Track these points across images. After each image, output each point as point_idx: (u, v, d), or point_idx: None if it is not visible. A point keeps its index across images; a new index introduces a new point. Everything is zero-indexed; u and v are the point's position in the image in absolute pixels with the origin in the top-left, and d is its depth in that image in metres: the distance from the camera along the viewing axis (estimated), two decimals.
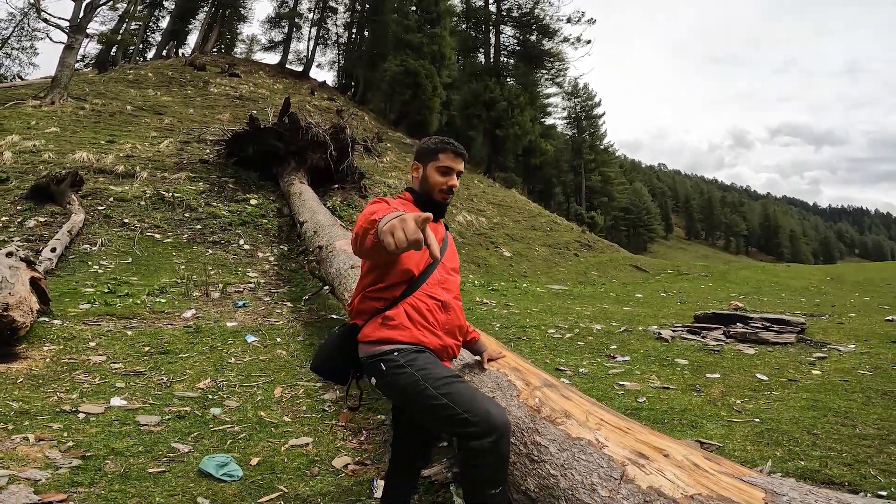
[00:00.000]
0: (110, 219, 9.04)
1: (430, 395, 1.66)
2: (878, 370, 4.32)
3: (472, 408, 1.61)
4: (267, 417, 3.09)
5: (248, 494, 2.26)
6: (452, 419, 1.62)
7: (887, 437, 3.01)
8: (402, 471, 1.95)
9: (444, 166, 1.90)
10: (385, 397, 2.01)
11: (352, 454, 2.69)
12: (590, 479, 1.47)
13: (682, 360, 4.66)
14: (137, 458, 2.50)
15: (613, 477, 1.42)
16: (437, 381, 1.69)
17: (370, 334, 1.80)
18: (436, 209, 1.93)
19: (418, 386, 1.68)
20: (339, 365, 1.91)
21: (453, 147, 1.92)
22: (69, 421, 2.86)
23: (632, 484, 1.39)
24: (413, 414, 1.83)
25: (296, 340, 4.77)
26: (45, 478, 2.28)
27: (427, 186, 1.92)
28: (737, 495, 1.24)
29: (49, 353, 3.93)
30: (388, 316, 1.79)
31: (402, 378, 1.71)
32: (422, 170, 1.94)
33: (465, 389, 1.69)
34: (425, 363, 1.74)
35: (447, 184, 1.91)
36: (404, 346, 1.76)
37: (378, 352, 1.77)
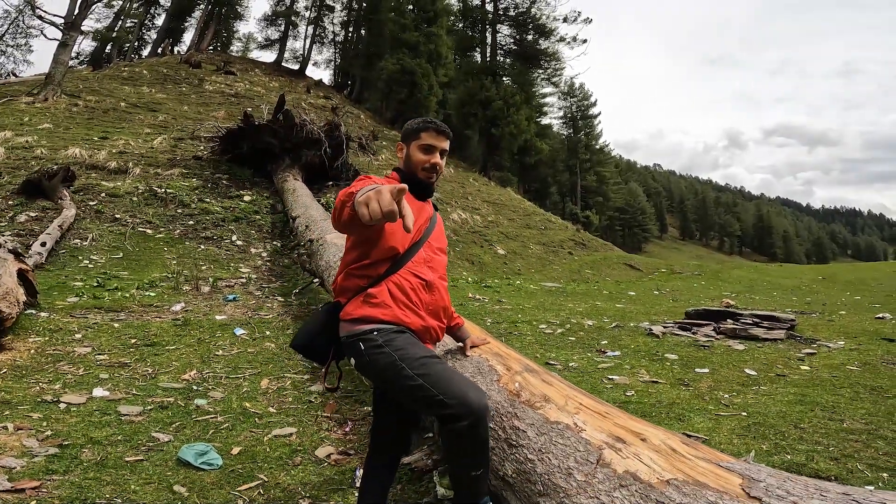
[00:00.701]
0: (102, 214, 8.99)
1: (406, 375, 1.63)
2: (867, 366, 4.33)
3: (449, 390, 1.59)
4: (252, 408, 3.06)
5: (227, 483, 2.23)
6: (429, 400, 1.60)
7: (875, 431, 3.00)
8: (382, 456, 1.92)
9: (426, 144, 1.90)
10: (365, 378, 1.95)
11: (335, 444, 2.66)
12: (566, 464, 1.46)
13: (671, 356, 4.66)
14: (115, 447, 2.47)
15: (590, 461, 1.40)
16: (415, 361, 1.66)
17: (352, 312, 1.78)
18: (421, 188, 1.94)
19: (395, 366, 1.66)
20: (320, 343, 1.87)
21: (435, 125, 1.92)
22: (49, 411, 2.83)
23: (608, 468, 1.38)
24: (392, 395, 1.80)
25: (285, 333, 4.73)
26: (21, 465, 2.25)
27: (411, 165, 1.92)
28: (713, 481, 1.23)
29: (34, 345, 3.89)
30: (371, 294, 1.76)
31: (381, 358, 1.69)
32: (405, 149, 1.95)
33: (443, 371, 1.67)
34: (404, 343, 1.72)
35: (430, 161, 1.90)
36: (385, 325, 1.74)
37: (357, 331, 1.74)
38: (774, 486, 1.15)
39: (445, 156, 1.95)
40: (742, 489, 1.17)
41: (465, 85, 29.72)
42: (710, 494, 1.18)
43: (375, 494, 1.87)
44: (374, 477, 1.89)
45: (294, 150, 11.38)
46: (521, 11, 30.98)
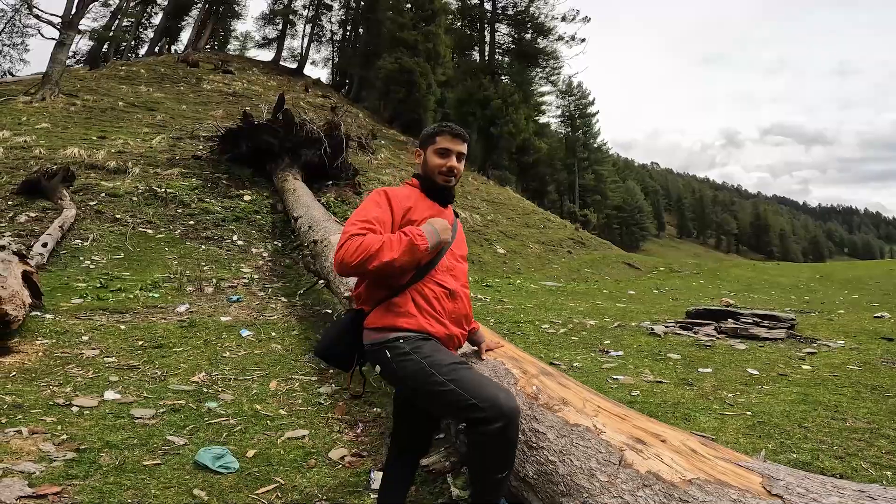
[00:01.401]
0: (102, 214, 8.98)
1: (436, 381, 1.65)
2: (867, 365, 4.37)
3: (480, 394, 1.61)
4: (263, 410, 3.08)
5: (245, 486, 2.26)
6: (460, 405, 1.61)
7: (877, 430, 3.04)
8: (403, 459, 1.95)
9: (442, 148, 1.92)
10: (389, 385, 1.97)
11: (348, 446, 2.69)
12: (588, 465, 1.49)
13: (674, 355, 4.70)
14: (132, 451, 2.49)
15: (612, 462, 1.44)
16: (444, 367, 1.68)
17: (376, 321, 1.79)
18: (441, 194, 1.96)
19: (424, 373, 1.68)
20: (343, 351, 1.89)
21: (450, 129, 1.94)
22: (63, 414, 2.85)
23: (630, 469, 1.41)
24: (419, 401, 1.81)
25: (290, 335, 4.76)
26: (40, 470, 2.26)
27: (428, 170, 1.95)
28: (734, 479, 1.27)
29: (42, 347, 3.90)
30: (395, 303, 1.78)
31: (409, 365, 1.70)
32: (423, 155, 1.97)
33: (472, 375, 1.69)
34: (431, 350, 1.73)
35: (446, 165, 1.92)
36: (410, 333, 1.75)
37: (383, 339, 1.76)
38: (794, 485, 1.18)
39: (463, 159, 1.97)
40: (763, 487, 1.21)
41: (464, 84, 29.70)
42: (733, 493, 1.21)
43: (395, 496, 1.89)
44: (395, 479, 1.91)
45: (293, 149, 11.38)
46: (519, 10, 30.98)
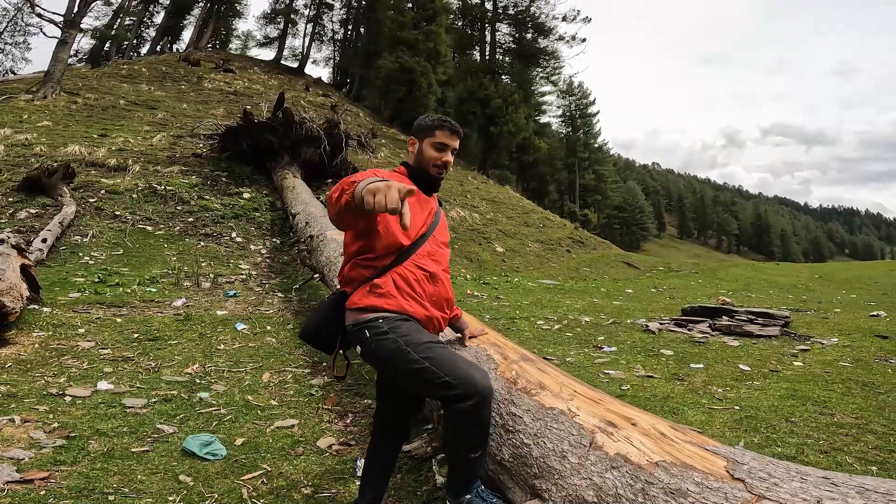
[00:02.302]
0: (102, 211, 9.02)
1: (412, 359, 1.69)
2: (860, 362, 4.38)
3: (454, 371, 1.65)
4: (254, 401, 3.11)
5: (232, 472, 2.28)
6: (434, 382, 1.65)
7: (865, 426, 3.05)
8: (385, 441, 1.97)
9: (440, 142, 1.94)
10: (370, 366, 2.02)
11: (336, 435, 2.72)
12: (560, 447, 1.52)
13: (667, 351, 4.72)
14: (121, 439, 2.52)
15: (583, 444, 1.47)
16: (420, 345, 1.72)
17: (357, 301, 1.83)
18: (430, 183, 1.99)
19: (401, 351, 1.71)
20: (327, 333, 1.92)
21: (450, 125, 1.96)
22: (55, 404, 2.88)
23: (600, 451, 1.44)
24: (397, 380, 1.85)
25: (285, 328, 4.79)
26: (29, 457, 2.30)
27: (422, 161, 1.96)
28: (699, 463, 1.29)
29: (38, 339, 3.94)
30: (376, 284, 1.81)
31: (386, 344, 1.74)
32: (418, 145, 1.98)
33: (447, 353, 1.73)
34: (409, 330, 1.77)
35: (441, 159, 1.95)
36: (389, 314, 1.79)
37: (363, 319, 1.79)
38: (757, 469, 1.21)
39: (454, 153, 2.00)
40: (726, 471, 1.23)
41: (464, 83, 29.74)
42: (696, 476, 1.24)
43: (377, 479, 1.92)
44: (377, 462, 1.94)
45: (293, 147, 11.42)
46: (520, 10, 31.01)
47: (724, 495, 1.16)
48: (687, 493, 1.20)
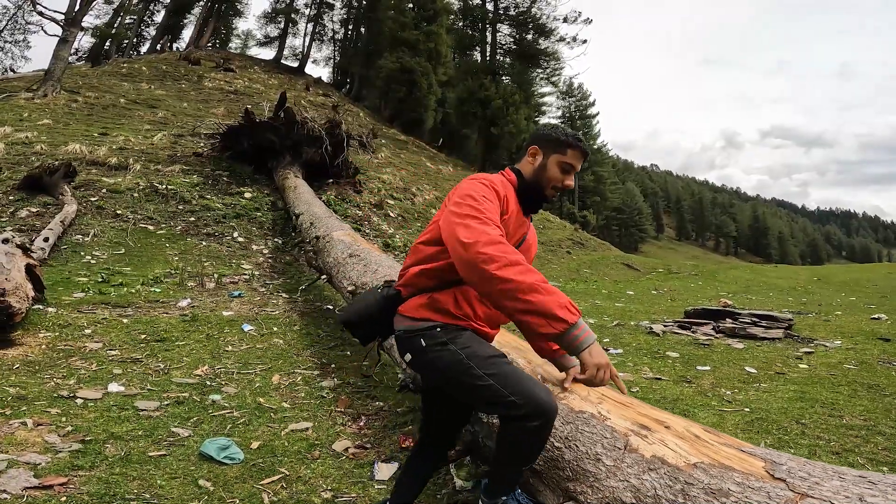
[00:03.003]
0: (103, 210, 8.98)
1: (474, 374, 1.58)
2: (864, 365, 4.42)
3: (519, 390, 1.54)
4: (266, 403, 3.11)
5: (251, 476, 2.28)
6: (497, 401, 1.55)
7: (874, 427, 3.08)
8: (423, 454, 1.91)
9: (569, 163, 1.78)
10: (419, 374, 1.91)
11: (352, 438, 2.72)
12: (594, 450, 1.52)
13: (673, 353, 4.74)
14: (137, 443, 2.51)
15: (617, 447, 1.47)
16: (483, 360, 1.61)
17: (411, 309, 1.73)
18: (538, 204, 1.85)
19: (462, 365, 1.60)
20: (368, 329, 1.84)
21: (584, 146, 1.79)
22: (67, 406, 2.87)
23: (636, 453, 1.44)
24: (453, 392, 1.74)
25: (292, 330, 4.79)
26: (45, 462, 2.27)
27: (542, 178, 1.78)
28: (738, 463, 1.30)
29: (45, 340, 3.92)
30: (436, 299, 1.70)
31: (445, 356, 1.63)
32: (541, 158, 1.79)
33: (512, 370, 1.62)
34: (470, 341, 1.66)
35: (563, 182, 1.79)
36: (447, 324, 1.68)
37: (419, 327, 1.69)
38: (796, 469, 1.22)
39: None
40: (766, 471, 1.24)
41: (465, 84, 29.74)
42: (737, 476, 1.25)
43: (411, 486, 1.88)
44: (413, 471, 1.90)
45: (295, 147, 11.40)
46: (521, 11, 31.03)
47: (766, 494, 1.17)
48: (729, 492, 1.21)
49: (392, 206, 13.23)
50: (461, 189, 1.67)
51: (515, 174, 1.81)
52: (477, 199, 1.60)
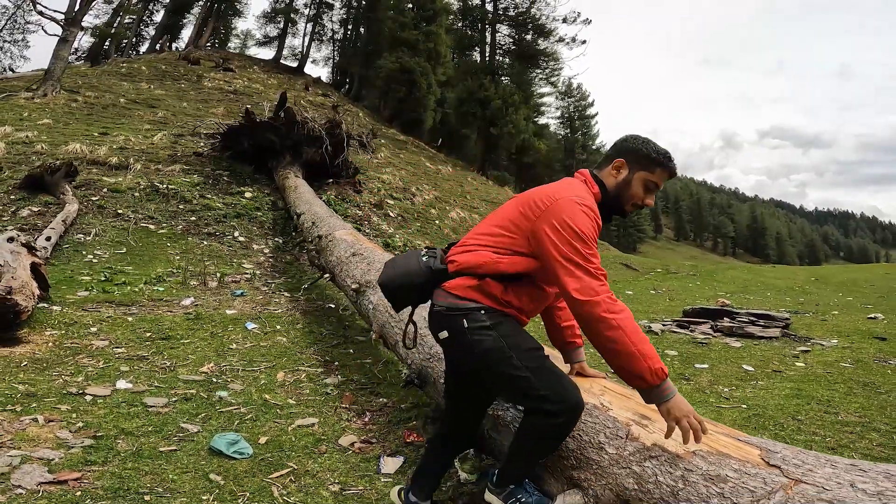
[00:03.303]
0: (104, 209, 9.02)
1: (513, 364, 1.61)
2: (860, 363, 4.48)
3: (555, 388, 1.59)
4: (272, 400, 3.16)
5: (260, 471, 2.33)
6: (530, 394, 1.60)
7: (868, 424, 3.15)
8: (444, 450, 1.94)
9: (655, 182, 1.73)
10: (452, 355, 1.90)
11: (357, 433, 2.77)
12: (597, 439, 1.59)
13: (671, 352, 4.81)
14: (148, 438, 2.56)
15: (619, 436, 1.54)
16: (524, 352, 1.64)
17: (460, 288, 1.71)
18: (612, 218, 1.83)
19: (503, 353, 1.63)
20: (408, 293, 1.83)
21: (674, 166, 1.75)
22: (77, 403, 2.91)
23: (637, 441, 1.51)
24: (485, 377, 1.75)
25: (295, 328, 4.84)
26: (59, 457, 2.32)
27: (624, 194, 1.75)
28: (735, 451, 1.37)
29: (51, 338, 3.96)
30: (488, 283, 1.70)
31: (486, 341, 1.64)
32: (627, 172, 1.74)
33: (549, 365, 1.66)
34: (513, 330, 1.69)
35: (645, 201, 1.75)
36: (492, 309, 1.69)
37: (463, 306, 1.68)
38: (790, 457, 1.28)
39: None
40: (761, 458, 1.31)
41: (464, 84, 29.79)
42: (734, 463, 1.31)
43: (429, 478, 1.91)
44: (434, 462, 1.93)
45: (295, 147, 11.44)
46: (520, 11, 31.12)
47: (762, 480, 1.23)
48: (726, 478, 1.27)
49: (392, 205, 13.27)
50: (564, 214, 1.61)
51: (598, 185, 1.77)
52: (585, 242, 1.58)
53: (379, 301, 3.48)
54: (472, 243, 1.80)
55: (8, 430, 2.55)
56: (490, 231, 1.78)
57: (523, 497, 1.64)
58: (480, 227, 1.84)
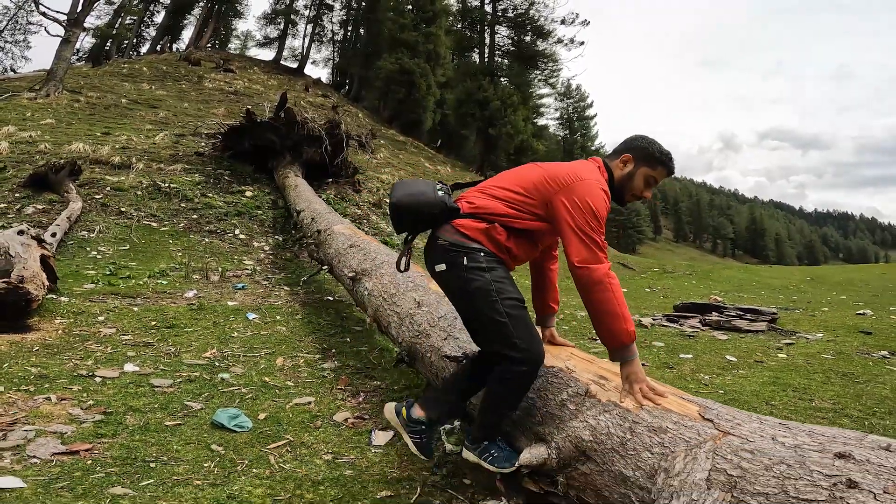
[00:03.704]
0: (107, 207, 9.18)
1: (496, 308, 1.81)
2: (841, 355, 4.61)
3: (525, 337, 1.80)
4: (271, 382, 3.33)
5: (258, 442, 2.50)
6: (504, 340, 1.79)
7: (841, 410, 3.27)
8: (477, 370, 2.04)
9: (654, 178, 1.96)
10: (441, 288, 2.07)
11: (351, 411, 2.94)
12: (560, 398, 1.77)
13: (658, 343, 4.96)
14: (154, 414, 2.72)
15: (579, 394, 1.72)
16: (508, 299, 1.83)
17: (469, 229, 1.90)
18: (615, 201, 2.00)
19: (490, 296, 1.82)
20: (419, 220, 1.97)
21: (673, 166, 1.97)
22: (87, 384, 3.08)
23: (594, 398, 1.69)
24: (467, 315, 1.95)
25: (294, 318, 5.01)
26: (71, 431, 2.48)
27: (627, 184, 1.96)
28: (677, 408, 1.54)
29: (61, 326, 4.13)
30: (496, 228, 1.90)
31: (479, 281, 1.83)
32: (632, 167, 1.96)
33: (525, 317, 1.86)
34: (503, 276, 1.88)
35: (643, 194, 1.98)
36: (490, 253, 1.89)
37: (467, 245, 1.87)
38: (724, 413, 1.45)
39: None
40: (699, 414, 1.48)
41: (463, 85, 29.95)
42: (674, 417, 1.49)
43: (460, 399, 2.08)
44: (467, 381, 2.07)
45: (295, 147, 11.60)
46: (519, 13, 31.29)
47: (696, 432, 1.40)
48: (667, 430, 1.45)
49: None
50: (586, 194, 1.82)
51: (608, 171, 1.98)
52: (598, 220, 1.80)
53: (373, 287, 3.65)
54: (490, 193, 1.99)
55: (22, 407, 2.72)
56: (511, 187, 1.97)
57: (495, 452, 1.83)
58: (502, 180, 2.05)
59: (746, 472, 1.19)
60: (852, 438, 1.19)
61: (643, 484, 1.41)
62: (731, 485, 1.19)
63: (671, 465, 1.33)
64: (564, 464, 1.65)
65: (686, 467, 1.28)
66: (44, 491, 1.95)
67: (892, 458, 1.05)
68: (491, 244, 1.90)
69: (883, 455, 1.07)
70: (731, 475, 1.20)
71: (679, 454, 1.34)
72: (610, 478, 1.51)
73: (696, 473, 1.23)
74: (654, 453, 1.43)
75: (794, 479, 1.10)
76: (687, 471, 1.26)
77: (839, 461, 1.09)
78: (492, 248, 1.90)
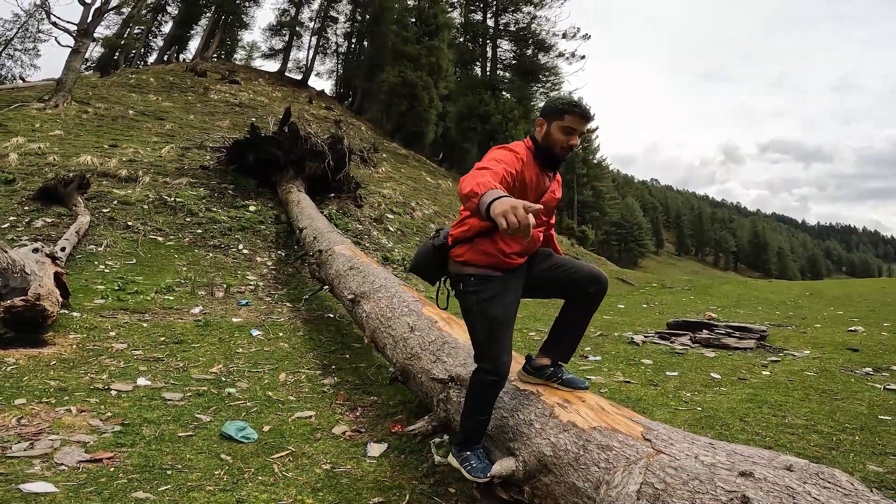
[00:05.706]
0: (115, 221, 9.40)
1: (476, 328, 2.11)
2: (824, 372, 4.72)
3: (494, 349, 2.06)
4: (274, 396, 3.55)
5: (263, 452, 2.72)
6: (479, 352, 2.11)
7: (812, 426, 3.40)
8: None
9: (568, 126, 2.08)
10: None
11: (349, 424, 3.17)
12: (529, 417, 2.04)
13: (647, 361, 5.13)
14: (168, 426, 2.95)
15: (545, 415, 1.97)
16: (488, 319, 2.08)
17: (460, 255, 2.18)
18: (555, 162, 2.19)
19: (471, 314, 2.12)
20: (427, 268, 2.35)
21: (580, 110, 2.07)
22: (104, 397, 3.30)
23: (556, 419, 1.95)
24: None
25: (296, 335, 5.23)
26: (93, 440, 2.71)
27: (550, 142, 2.12)
28: (624, 428, 1.80)
29: (75, 341, 4.36)
30: (477, 241, 2.13)
31: (466, 303, 2.15)
32: (546, 126, 2.12)
33: (502, 335, 2.09)
34: (489, 296, 2.10)
35: (568, 143, 2.10)
36: (480, 273, 2.12)
37: (462, 272, 2.16)
38: (663, 434, 1.70)
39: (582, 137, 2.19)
40: (641, 434, 1.73)
41: (465, 98, 30.40)
42: (620, 437, 1.74)
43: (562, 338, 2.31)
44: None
45: (298, 161, 11.82)
46: (521, 27, 31.83)
47: (636, 450, 1.65)
48: (612, 448, 1.70)
49: (392, 220, 13.64)
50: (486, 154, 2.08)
51: (532, 141, 2.19)
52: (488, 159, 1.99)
53: (371, 310, 3.89)
54: (455, 223, 2.28)
55: (45, 418, 2.93)
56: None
57: (475, 462, 2.09)
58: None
59: (668, 486, 1.40)
60: (764, 458, 1.39)
61: (591, 494, 1.63)
62: (656, 496, 1.40)
63: (612, 479, 1.55)
64: (530, 475, 1.89)
65: (623, 480, 1.50)
66: (74, 495, 2.17)
67: (789, 477, 1.25)
68: (482, 257, 2.12)
69: (781, 475, 1.27)
70: (656, 488, 1.42)
71: (619, 469, 1.57)
72: (566, 488, 1.74)
73: (630, 486, 1.45)
74: (601, 468, 1.66)
75: (702, 494, 1.32)
76: (623, 483, 1.48)
77: (740, 478, 1.30)
78: (485, 262, 2.12)
